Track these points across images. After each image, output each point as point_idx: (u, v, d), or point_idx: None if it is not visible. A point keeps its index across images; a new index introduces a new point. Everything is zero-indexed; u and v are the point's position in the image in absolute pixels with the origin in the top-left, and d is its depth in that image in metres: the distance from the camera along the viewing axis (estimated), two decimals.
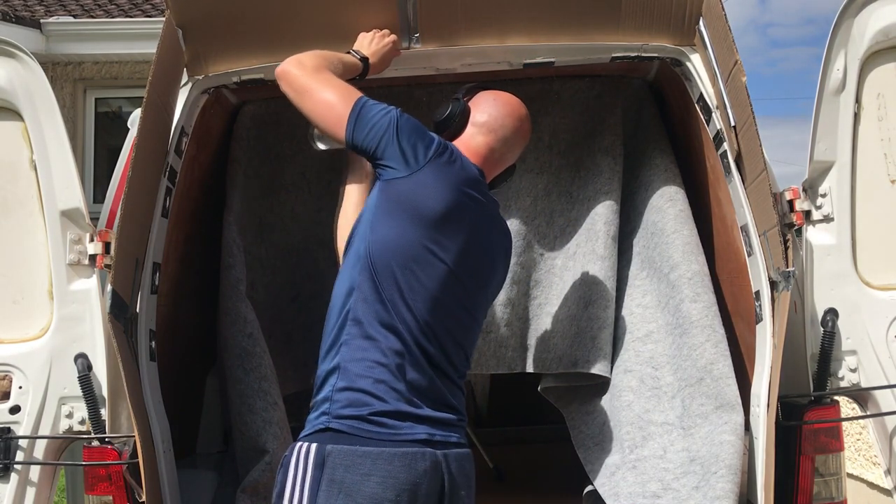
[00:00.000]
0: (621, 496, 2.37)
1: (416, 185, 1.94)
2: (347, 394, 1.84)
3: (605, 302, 2.65)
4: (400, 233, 1.92)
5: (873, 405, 2.35)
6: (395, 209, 1.94)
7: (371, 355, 1.86)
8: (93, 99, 9.46)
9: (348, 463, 1.78)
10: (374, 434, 1.80)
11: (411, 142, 1.97)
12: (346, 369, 1.87)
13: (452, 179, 1.98)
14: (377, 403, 1.83)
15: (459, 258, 1.97)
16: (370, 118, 1.98)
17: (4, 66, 2.33)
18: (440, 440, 1.87)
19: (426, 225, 1.93)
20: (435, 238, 1.94)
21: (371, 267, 1.91)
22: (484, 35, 2.45)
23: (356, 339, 1.88)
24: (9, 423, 2.31)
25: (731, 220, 2.46)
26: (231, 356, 2.53)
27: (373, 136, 1.97)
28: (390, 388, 1.84)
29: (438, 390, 1.92)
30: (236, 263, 2.62)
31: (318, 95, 2.03)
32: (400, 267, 1.90)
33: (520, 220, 2.79)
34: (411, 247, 1.92)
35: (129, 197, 2.15)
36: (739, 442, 2.25)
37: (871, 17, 2.33)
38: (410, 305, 1.89)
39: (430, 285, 1.92)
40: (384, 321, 1.88)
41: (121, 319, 2.16)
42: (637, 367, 2.55)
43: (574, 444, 2.62)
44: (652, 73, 2.81)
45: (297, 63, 2.08)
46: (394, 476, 1.77)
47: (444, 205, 1.95)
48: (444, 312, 1.94)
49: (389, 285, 1.90)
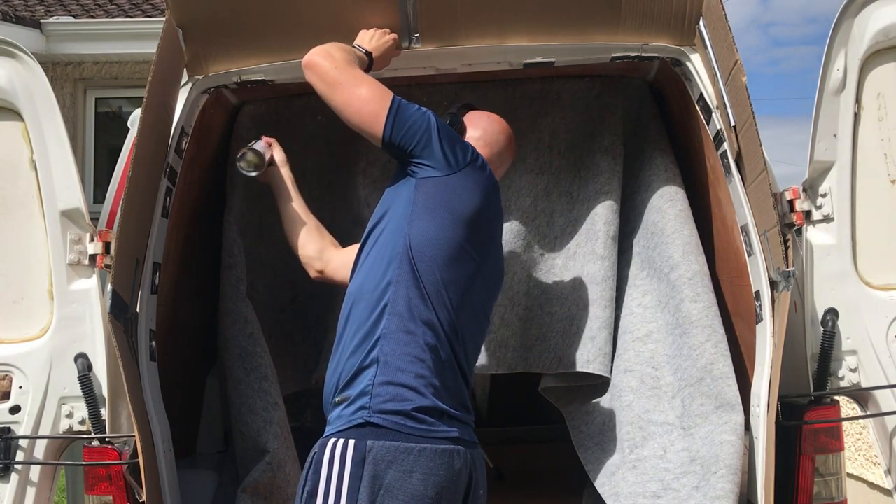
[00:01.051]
0: (621, 496, 2.37)
1: (455, 186, 1.99)
2: (389, 388, 1.83)
3: (605, 302, 2.65)
4: (441, 230, 1.95)
5: (873, 405, 2.35)
6: (436, 207, 1.97)
7: (411, 350, 1.86)
8: (93, 99, 9.46)
9: (390, 459, 1.76)
10: (416, 430, 1.80)
11: (450, 144, 2.03)
12: (386, 363, 1.85)
13: (485, 184, 2.05)
14: (418, 399, 1.82)
15: (486, 260, 2.04)
16: (408, 117, 2.01)
17: (4, 66, 2.33)
18: (466, 439, 1.89)
19: (464, 225, 1.97)
20: (470, 239, 1.98)
21: (412, 262, 1.92)
22: (484, 35, 2.45)
23: (397, 333, 1.87)
24: (9, 423, 2.31)
25: (731, 220, 2.46)
26: (231, 356, 2.53)
27: (412, 135, 2.00)
28: (429, 383, 1.85)
29: (461, 390, 1.95)
30: (237, 263, 2.62)
31: (352, 90, 2.05)
32: (440, 263, 1.93)
33: (520, 220, 2.79)
34: (452, 245, 1.95)
35: (129, 197, 2.15)
36: (739, 442, 2.25)
37: (871, 17, 2.33)
38: (447, 302, 1.92)
39: (464, 284, 1.96)
40: (423, 316, 1.89)
41: (121, 319, 2.16)
42: (637, 367, 2.55)
43: (574, 444, 2.62)
44: (652, 73, 2.81)
45: (326, 54, 2.09)
46: (435, 473, 1.78)
47: (478, 207, 2.01)
48: (470, 312, 1.99)
49: (430, 280, 1.91)
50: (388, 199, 2.06)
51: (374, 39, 2.33)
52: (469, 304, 1.98)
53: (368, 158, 2.85)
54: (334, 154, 2.94)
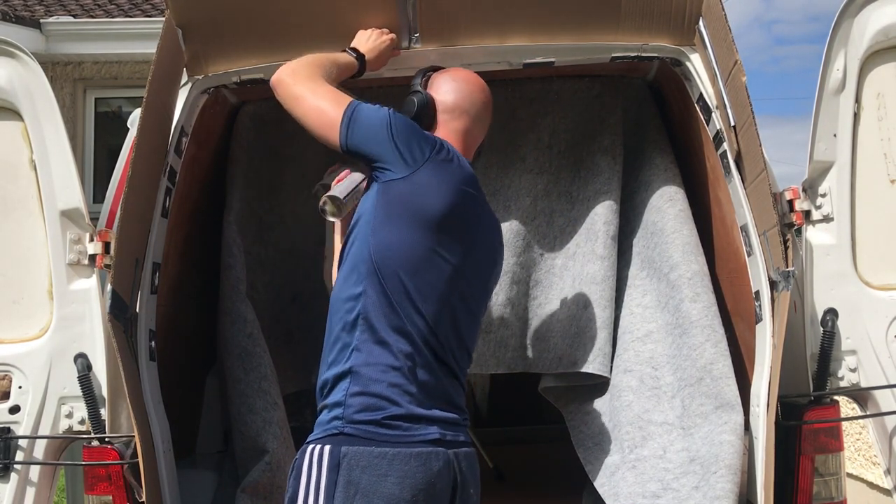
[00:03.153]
0: (621, 496, 2.37)
1: (415, 185, 1.92)
2: (361, 398, 1.83)
3: (604, 302, 2.65)
4: (402, 237, 1.91)
5: (873, 405, 2.35)
6: (396, 212, 1.92)
7: (384, 359, 1.85)
8: (93, 99, 9.47)
9: (365, 464, 1.77)
10: (388, 437, 1.80)
11: (407, 141, 1.94)
12: (359, 373, 1.85)
13: (451, 177, 1.96)
14: (391, 408, 1.82)
15: (463, 257, 1.97)
16: (363, 120, 1.96)
17: (4, 66, 2.33)
18: (451, 440, 1.87)
19: (428, 226, 1.91)
20: (438, 239, 1.92)
21: (377, 272, 1.89)
22: (484, 35, 2.45)
23: (368, 344, 1.87)
24: (9, 423, 2.31)
25: (730, 220, 2.46)
26: (231, 356, 2.53)
27: (368, 139, 1.95)
28: (404, 391, 1.84)
29: (446, 391, 1.92)
30: (236, 263, 2.62)
31: (310, 102, 2.03)
32: (406, 271, 1.89)
33: (520, 220, 2.79)
34: (415, 250, 1.90)
35: (129, 197, 2.15)
36: (739, 442, 2.25)
37: (871, 17, 2.33)
38: (419, 308, 1.89)
39: (437, 287, 1.92)
40: (395, 325, 1.87)
41: (121, 319, 2.17)
42: (637, 367, 2.55)
43: (574, 444, 2.62)
44: (652, 73, 2.81)
45: (290, 71, 2.08)
46: (410, 476, 1.77)
47: (445, 205, 1.93)
48: (450, 312, 1.94)
49: (397, 289, 1.88)
50: (360, 206, 2.01)
51: (370, 40, 2.32)
52: (448, 304, 1.93)
53: None
54: (334, 154, 2.93)
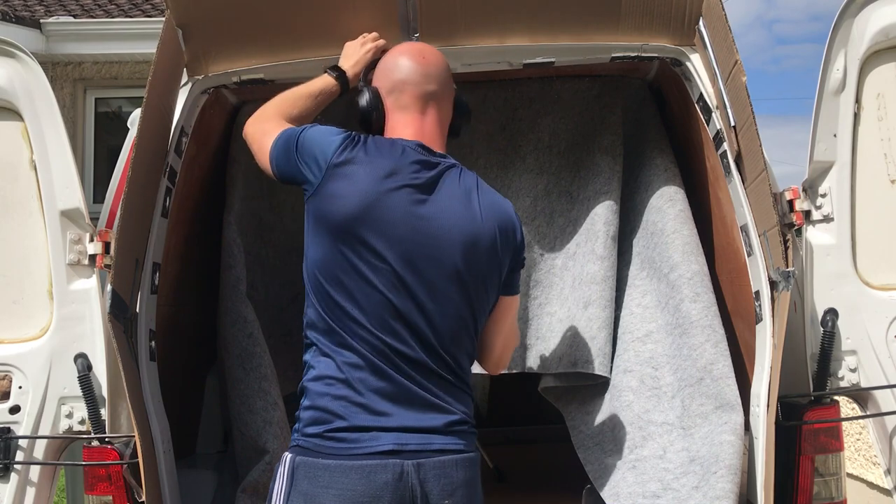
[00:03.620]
0: (621, 496, 2.37)
1: (323, 196, 1.89)
2: (310, 413, 1.85)
3: (604, 302, 2.65)
4: (322, 249, 1.89)
5: (873, 405, 2.35)
6: (314, 226, 1.90)
7: (329, 372, 1.85)
8: (93, 99, 9.47)
9: (311, 475, 1.79)
10: (333, 449, 1.79)
11: (311, 155, 1.92)
12: (308, 389, 1.87)
13: (360, 176, 1.88)
14: (337, 421, 1.81)
15: (392, 252, 1.86)
16: (281, 148, 1.99)
17: (4, 66, 2.33)
18: (415, 448, 1.80)
19: (343, 233, 1.86)
20: (358, 242, 1.86)
21: (312, 290, 1.90)
22: (484, 35, 2.45)
23: (314, 359, 1.88)
24: (9, 423, 2.31)
25: (730, 220, 2.46)
26: (231, 356, 2.53)
27: (285, 164, 1.97)
28: (351, 403, 1.82)
29: (415, 394, 1.84)
30: (236, 263, 2.62)
31: (254, 145, 2.08)
32: (331, 283, 1.86)
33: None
34: (335, 260, 1.87)
35: (129, 197, 2.15)
36: (739, 442, 2.25)
37: (871, 17, 2.33)
38: (355, 316, 1.84)
39: (370, 290, 1.85)
40: (334, 339, 1.86)
41: (121, 319, 2.17)
42: (637, 367, 2.55)
43: (574, 444, 2.62)
44: (652, 73, 2.81)
45: (252, 118, 2.13)
46: (351, 489, 1.76)
47: (353, 206, 1.86)
48: (398, 311, 1.85)
49: (328, 302, 1.87)
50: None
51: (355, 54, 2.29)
52: (390, 305, 1.84)
53: None
54: None
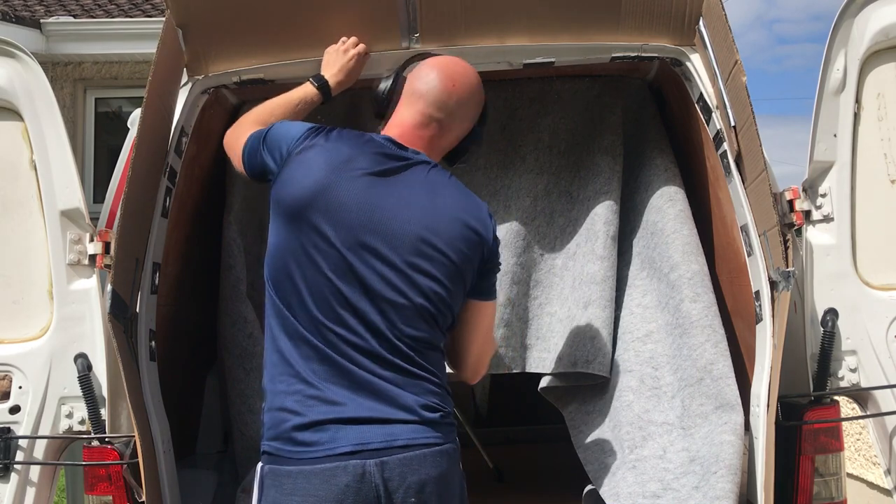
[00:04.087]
0: (621, 496, 2.37)
1: (281, 181, 1.89)
2: (269, 415, 1.82)
3: (604, 302, 2.65)
4: (278, 236, 1.87)
5: (873, 405, 2.35)
6: (273, 213, 1.90)
7: (282, 369, 1.82)
8: (93, 99, 9.47)
9: (276, 483, 1.77)
10: (292, 454, 1.77)
11: (276, 145, 1.94)
12: (267, 390, 1.85)
13: (316, 162, 1.87)
14: (294, 418, 1.77)
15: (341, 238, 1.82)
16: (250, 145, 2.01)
17: (4, 66, 2.33)
18: (378, 447, 1.74)
19: (296, 217, 1.83)
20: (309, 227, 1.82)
21: (267, 278, 1.88)
22: (484, 35, 2.45)
23: (270, 357, 1.85)
24: (9, 423, 2.31)
25: (731, 220, 2.46)
26: (231, 356, 2.53)
27: (252, 158, 2.00)
28: (305, 397, 1.78)
29: (370, 383, 1.78)
30: (236, 263, 2.62)
31: (231, 153, 2.11)
32: (284, 269, 1.84)
33: (520, 220, 2.79)
34: (288, 246, 1.84)
35: (129, 197, 2.15)
36: (739, 442, 2.25)
37: (871, 17, 2.33)
38: (306, 303, 1.80)
39: (318, 276, 1.81)
40: (287, 330, 1.82)
41: (121, 319, 2.16)
42: (637, 367, 2.55)
43: (574, 444, 2.62)
44: (652, 73, 2.81)
45: (230, 129, 2.16)
46: (313, 493, 1.73)
47: (307, 191, 1.83)
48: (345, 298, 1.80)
49: (281, 292, 1.84)
50: None
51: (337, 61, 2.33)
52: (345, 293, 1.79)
53: None
54: None
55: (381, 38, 2.38)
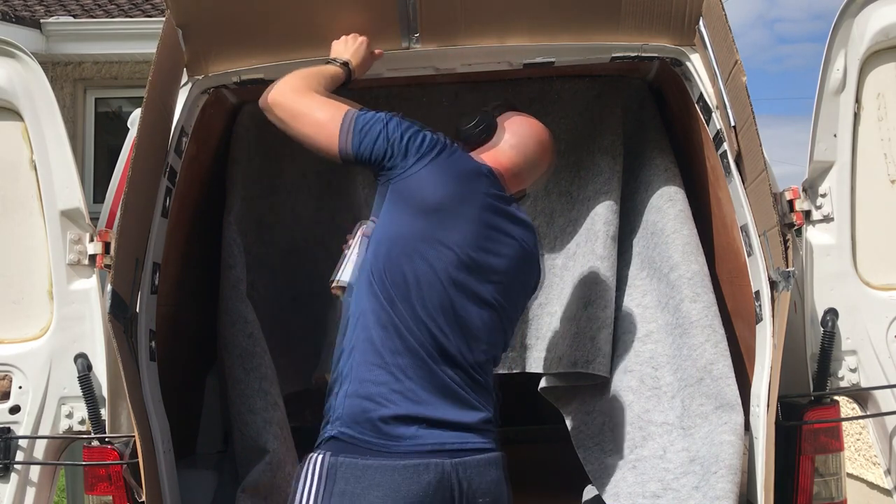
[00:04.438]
0: (621, 496, 2.37)
1: (419, 179, 1.93)
2: (351, 401, 1.82)
3: (604, 302, 2.65)
4: (398, 228, 1.90)
5: (873, 405, 2.35)
6: (399, 208, 1.93)
7: (372, 358, 1.83)
8: (93, 99, 9.47)
9: (357, 475, 1.76)
10: (378, 446, 1.77)
11: (405, 140, 1.96)
12: (348, 375, 1.85)
13: (450, 171, 1.96)
14: (379, 409, 1.79)
15: (461, 249, 1.92)
16: (361, 128, 1.97)
17: (4, 66, 2.33)
18: (453, 448, 1.80)
19: (425, 217, 1.91)
20: (438, 229, 1.91)
21: (369, 270, 1.89)
22: (484, 35, 2.45)
23: (360, 344, 1.86)
24: (9, 423, 2.31)
25: (730, 220, 2.46)
26: (231, 356, 2.53)
27: (367, 144, 1.96)
28: (393, 390, 1.80)
29: (452, 390, 1.85)
30: (237, 263, 2.62)
31: (307, 118, 2.02)
32: (396, 261, 1.87)
33: None
34: (410, 240, 1.89)
35: (129, 197, 2.15)
36: (739, 442, 2.25)
37: (871, 17, 2.33)
38: (412, 302, 1.85)
39: (431, 279, 1.88)
40: (383, 321, 1.85)
41: (121, 319, 2.16)
42: (637, 367, 2.55)
43: (574, 444, 2.62)
44: (652, 73, 2.81)
45: (279, 90, 2.08)
46: (396, 490, 1.74)
47: (446, 195, 1.93)
48: (450, 306, 1.88)
49: (387, 284, 1.86)
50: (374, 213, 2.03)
51: (350, 48, 2.30)
52: (448, 297, 1.88)
53: None
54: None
55: (381, 37, 2.37)
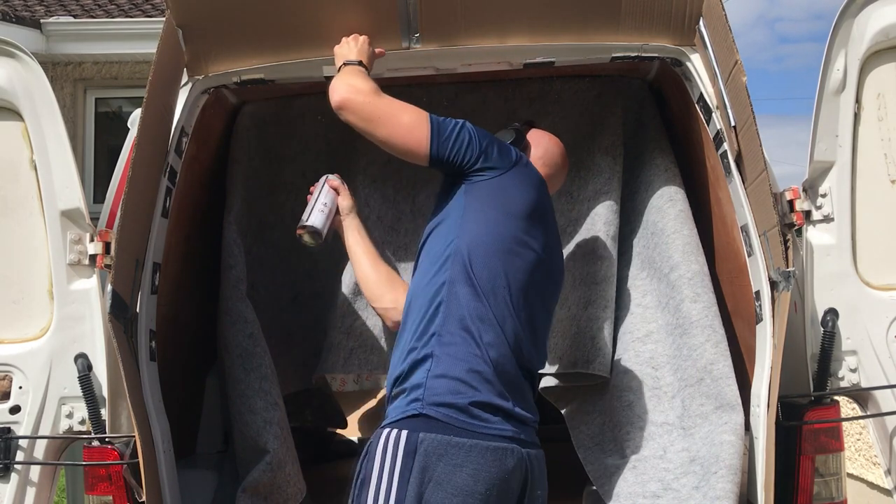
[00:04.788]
0: (621, 496, 2.37)
1: (503, 184, 2.04)
2: (443, 381, 1.86)
3: (604, 302, 2.65)
4: (493, 228, 1.99)
5: (873, 405, 2.35)
6: (487, 206, 2.02)
7: (467, 346, 1.89)
8: (93, 99, 9.46)
9: (441, 452, 1.79)
10: (467, 425, 1.82)
11: (493, 147, 2.08)
12: (440, 358, 1.88)
13: (533, 181, 2.11)
14: (472, 393, 1.84)
15: (542, 255, 2.05)
16: (449, 131, 2.06)
17: (4, 66, 2.33)
18: (524, 438, 1.90)
19: (517, 220, 2.02)
20: (524, 233, 2.02)
21: (465, 261, 1.95)
22: (484, 35, 2.45)
23: (452, 330, 1.91)
24: (9, 423, 2.31)
25: (731, 220, 2.46)
26: (231, 356, 2.53)
27: (457, 148, 2.05)
28: (484, 379, 1.87)
29: (523, 387, 1.95)
30: (237, 263, 2.62)
31: (392, 120, 2.09)
32: (496, 258, 1.96)
33: None
34: (505, 240, 1.99)
35: (129, 197, 2.15)
36: (739, 442, 2.25)
37: (871, 17, 2.33)
38: (504, 298, 1.94)
39: (521, 280, 1.98)
40: (478, 313, 1.91)
41: (121, 319, 2.16)
42: (637, 367, 2.55)
43: (574, 444, 2.62)
44: (652, 74, 2.81)
45: (353, 89, 2.12)
46: (485, 470, 1.80)
47: (532, 201, 2.06)
48: (529, 308, 2.00)
49: (485, 276, 1.94)
50: (439, 212, 2.10)
51: (353, 47, 2.30)
52: (528, 299, 1.99)
53: (368, 158, 2.85)
54: (334, 154, 2.94)
55: (382, 37, 2.37)
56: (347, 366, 2.84)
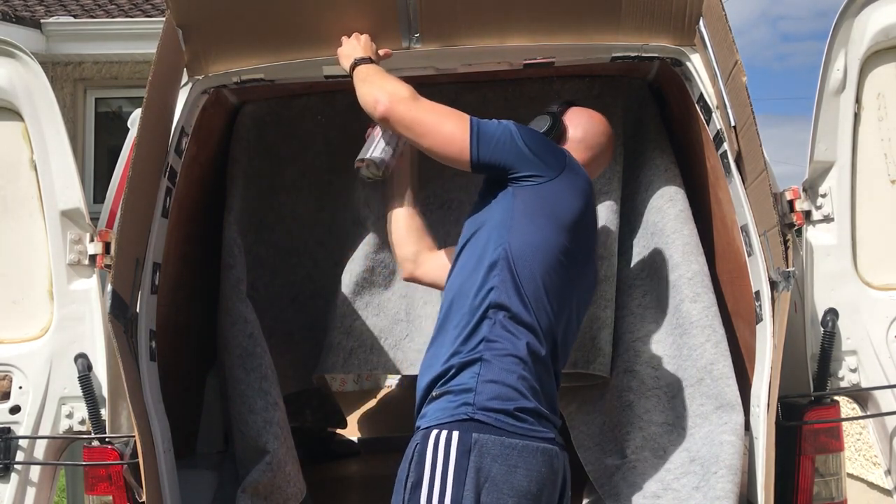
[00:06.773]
0: (621, 496, 2.37)
1: (552, 191, 2.01)
2: (494, 387, 1.86)
3: (604, 302, 2.65)
4: (543, 235, 1.98)
5: (873, 405, 2.35)
6: (536, 214, 1.99)
7: (515, 352, 1.90)
8: (93, 99, 9.46)
9: (496, 453, 1.80)
10: (518, 428, 1.83)
11: (541, 150, 2.03)
12: (490, 362, 1.89)
13: (582, 187, 2.07)
14: (521, 400, 1.86)
15: (585, 266, 2.07)
16: (490, 136, 2.02)
17: (4, 66, 2.33)
18: (559, 441, 1.93)
19: (565, 230, 2.00)
20: (573, 242, 2.01)
21: (512, 268, 1.94)
22: (484, 35, 2.45)
23: (500, 335, 1.91)
24: (9, 423, 2.31)
25: (731, 220, 2.46)
26: (231, 356, 2.53)
27: (499, 151, 2.02)
28: (530, 386, 1.89)
29: (554, 394, 1.99)
30: (237, 263, 2.62)
31: (434, 129, 2.06)
32: (542, 269, 1.95)
33: None
34: (553, 250, 1.98)
35: (129, 197, 2.15)
36: (739, 442, 2.25)
37: (871, 17, 2.33)
38: (547, 307, 1.95)
39: (565, 290, 1.99)
40: (524, 320, 1.92)
41: (121, 319, 2.16)
42: (637, 367, 2.56)
43: (574, 445, 2.62)
44: (652, 74, 2.81)
45: (395, 98, 2.09)
46: (537, 470, 1.82)
47: (579, 212, 2.03)
48: (566, 316, 2.01)
49: (532, 286, 1.94)
50: (482, 211, 2.07)
51: (358, 46, 2.29)
52: (567, 308, 2.01)
53: None
54: (334, 154, 2.94)
55: (382, 37, 2.37)
56: (347, 366, 2.84)
